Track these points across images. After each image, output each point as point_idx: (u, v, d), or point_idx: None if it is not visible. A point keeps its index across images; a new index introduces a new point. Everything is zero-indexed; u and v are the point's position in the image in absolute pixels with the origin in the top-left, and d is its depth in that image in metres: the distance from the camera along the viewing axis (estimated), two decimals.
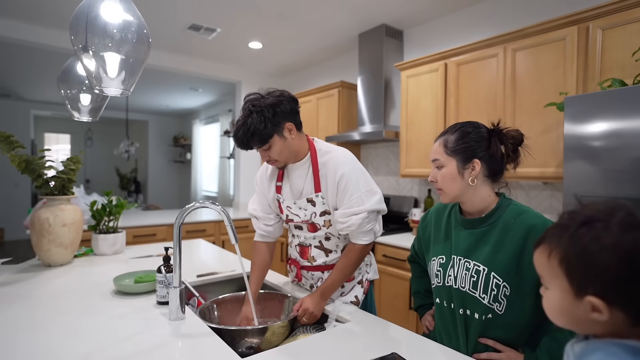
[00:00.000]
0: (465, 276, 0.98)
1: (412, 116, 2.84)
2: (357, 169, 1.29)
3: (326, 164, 1.30)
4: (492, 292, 0.93)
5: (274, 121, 1.21)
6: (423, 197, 3.15)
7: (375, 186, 1.32)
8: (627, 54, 1.77)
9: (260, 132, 1.20)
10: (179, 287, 1.15)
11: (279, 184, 1.41)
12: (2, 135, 1.68)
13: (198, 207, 1.11)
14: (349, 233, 1.30)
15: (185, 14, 3.09)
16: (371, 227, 1.30)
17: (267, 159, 1.30)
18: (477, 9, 2.80)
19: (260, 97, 1.24)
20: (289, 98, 1.27)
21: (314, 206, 1.32)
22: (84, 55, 1.01)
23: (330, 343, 1.02)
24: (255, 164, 4.82)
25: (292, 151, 1.29)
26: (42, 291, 1.41)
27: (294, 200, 1.36)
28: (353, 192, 1.26)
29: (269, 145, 1.24)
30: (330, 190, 1.28)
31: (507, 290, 0.93)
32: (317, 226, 1.35)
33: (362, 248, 1.30)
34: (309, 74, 4.55)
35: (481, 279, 0.95)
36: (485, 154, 0.98)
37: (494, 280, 0.93)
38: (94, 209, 2.02)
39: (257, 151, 1.28)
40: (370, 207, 1.26)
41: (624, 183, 1.46)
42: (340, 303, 1.31)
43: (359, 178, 1.28)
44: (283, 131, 1.25)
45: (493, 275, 0.93)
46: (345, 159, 1.30)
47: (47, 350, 0.94)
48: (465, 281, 0.98)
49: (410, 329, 2.30)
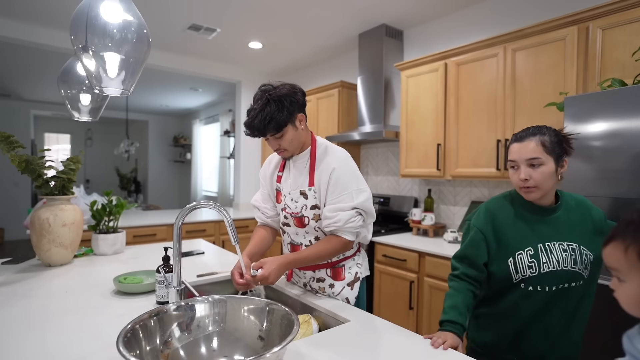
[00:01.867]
0: (566, 257, 1.09)
1: (412, 116, 2.84)
2: (349, 167, 1.33)
3: (322, 159, 1.35)
4: (584, 262, 1.09)
5: (290, 110, 1.28)
6: (423, 197, 3.15)
7: (366, 186, 1.34)
8: (627, 54, 1.77)
9: (277, 120, 1.25)
10: (178, 287, 1.15)
11: (280, 173, 1.46)
12: (2, 135, 1.68)
13: (198, 207, 1.11)
14: (334, 229, 1.30)
15: (185, 14, 3.09)
16: (358, 227, 1.31)
17: (277, 147, 1.34)
18: (477, 9, 2.80)
19: (274, 87, 1.30)
20: (301, 91, 1.34)
21: (305, 199, 1.35)
22: (84, 55, 1.01)
23: (331, 343, 1.02)
24: (256, 164, 4.83)
25: (300, 142, 1.36)
26: (42, 291, 1.41)
27: (289, 190, 1.40)
28: (343, 188, 1.29)
29: (282, 133, 1.29)
30: (323, 185, 1.32)
31: (591, 257, 1.10)
32: (304, 220, 1.37)
33: (345, 242, 1.31)
34: (309, 74, 4.55)
35: (577, 254, 1.09)
36: (564, 153, 1.12)
37: (583, 252, 1.10)
38: (94, 209, 2.02)
39: (267, 140, 1.33)
40: (358, 204, 1.28)
41: (624, 183, 1.46)
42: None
43: (350, 176, 1.31)
44: (296, 121, 1.32)
45: (582, 248, 1.10)
46: (339, 156, 1.34)
47: (47, 350, 0.94)
48: (567, 261, 1.09)
49: (410, 328, 2.30)
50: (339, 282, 1.40)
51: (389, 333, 1.09)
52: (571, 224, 1.12)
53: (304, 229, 1.39)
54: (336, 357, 0.94)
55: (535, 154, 1.06)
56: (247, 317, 1.00)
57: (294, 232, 1.43)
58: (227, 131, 6.14)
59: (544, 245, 1.10)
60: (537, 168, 1.07)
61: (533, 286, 1.10)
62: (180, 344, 0.92)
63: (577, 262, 1.09)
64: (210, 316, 0.99)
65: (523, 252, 1.10)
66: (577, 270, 1.09)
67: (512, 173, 1.12)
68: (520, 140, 1.10)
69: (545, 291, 1.09)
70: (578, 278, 1.10)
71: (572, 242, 1.10)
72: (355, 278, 1.42)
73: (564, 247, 1.10)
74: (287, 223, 1.44)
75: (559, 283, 1.09)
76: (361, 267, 1.45)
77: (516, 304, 1.13)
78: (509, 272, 1.11)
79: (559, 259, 1.09)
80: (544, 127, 1.10)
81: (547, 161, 1.06)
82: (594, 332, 1.52)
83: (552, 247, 1.10)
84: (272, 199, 1.52)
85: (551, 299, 1.10)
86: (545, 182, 1.07)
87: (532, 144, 1.07)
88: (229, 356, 0.94)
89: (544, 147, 1.06)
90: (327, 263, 1.40)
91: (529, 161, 1.07)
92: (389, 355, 0.95)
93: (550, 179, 1.07)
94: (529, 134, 1.09)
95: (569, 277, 1.09)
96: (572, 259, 1.09)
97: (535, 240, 1.11)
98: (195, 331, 0.96)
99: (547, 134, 1.08)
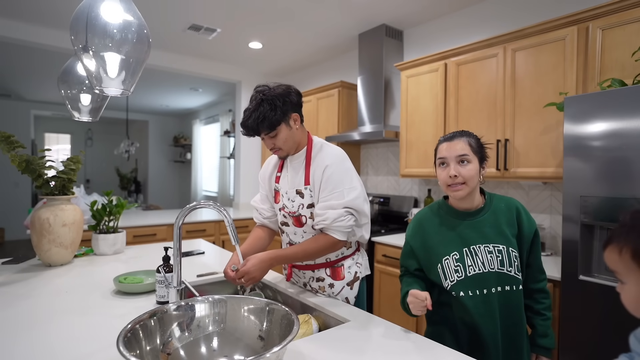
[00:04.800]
0: (492, 258, 1.11)
1: (412, 116, 2.84)
2: (343, 166, 1.33)
3: (317, 158, 1.36)
4: (515, 263, 1.11)
5: (283, 109, 1.30)
6: (423, 197, 3.15)
7: (358, 184, 1.34)
8: (626, 54, 1.77)
9: (270, 119, 1.28)
10: (178, 287, 1.15)
11: (278, 174, 1.48)
12: (2, 135, 1.68)
13: (198, 207, 1.11)
14: (323, 227, 1.30)
15: (185, 14, 3.10)
16: (349, 227, 1.30)
17: (272, 146, 1.36)
18: (477, 9, 2.80)
19: (269, 88, 1.32)
20: (295, 91, 1.37)
21: (302, 198, 1.36)
22: (84, 55, 1.01)
23: (331, 343, 1.02)
24: (256, 164, 4.83)
25: (295, 141, 1.38)
26: (42, 291, 1.41)
27: (286, 189, 1.42)
28: (335, 186, 1.29)
29: (276, 132, 1.31)
30: (316, 183, 1.33)
31: (520, 259, 1.13)
32: (302, 219, 1.37)
33: (334, 242, 1.30)
34: (309, 74, 4.55)
35: (505, 256, 1.11)
36: (485, 158, 1.18)
37: (512, 253, 1.11)
38: (94, 209, 2.02)
39: (262, 139, 1.36)
40: (348, 202, 1.28)
41: (624, 183, 1.46)
42: None
43: (342, 174, 1.31)
44: (289, 120, 1.33)
45: (511, 250, 1.12)
46: (333, 154, 1.35)
47: (47, 350, 0.94)
48: (493, 263, 1.11)
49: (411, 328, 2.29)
50: (338, 281, 1.40)
51: (389, 333, 1.09)
52: (498, 226, 1.14)
53: (302, 228, 1.39)
54: (336, 357, 0.94)
55: (464, 151, 1.12)
56: (247, 317, 1.00)
57: (292, 231, 1.43)
58: (227, 131, 6.14)
59: (469, 248, 1.13)
60: (465, 165, 1.12)
61: (464, 291, 1.11)
62: (180, 343, 0.92)
63: (504, 264, 1.10)
64: (210, 316, 0.99)
65: (449, 257, 1.14)
66: (506, 272, 1.10)
67: (441, 171, 1.16)
68: (450, 140, 1.15)
69: (477, 294, 1.10)
70: (513, 281, 1.11)
71: (498, 244, 1.12)
72: (355, 277, 1.42)
73: (490, 249, 1.12)
74: (285, 223, 1.44)
75: (491, 286, 1.10)
76: (361, 267, 1.45)
77: (457, 312, 1.14)
78: (440, 279, 1.15)
79: (484, 260, 1.11)
80: (468, 131, 1.19)
81: (474, 160, 1.13)
82: (594, 331, 1.52)
83: (478, 250, 1.12)
84: (269, 200, 1.54)
85: (489, 305, 1.10)
86: (473, 179, 1.12)
87: (461, 143, 1.13)
88: (229, 356, 0.94)
89: (471, 147, 1.13)
90: (326, 262, 1.40)
91: (458, 158, 1.12)
92: (388, 355, 0.95)
93: (475, 177, 1.12)
94: (458, 135, 1.16)
95: (501, 279, 1.11)
96: (498, 260, 1.11)
97: (461, 244, 1.14)
98: (195, 331, 0.96)
99: (473, 137, 1.16)
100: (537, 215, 2.40)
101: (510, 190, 2.56)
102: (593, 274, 1.55)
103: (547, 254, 2.17)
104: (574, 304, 1.57)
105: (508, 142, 2.23)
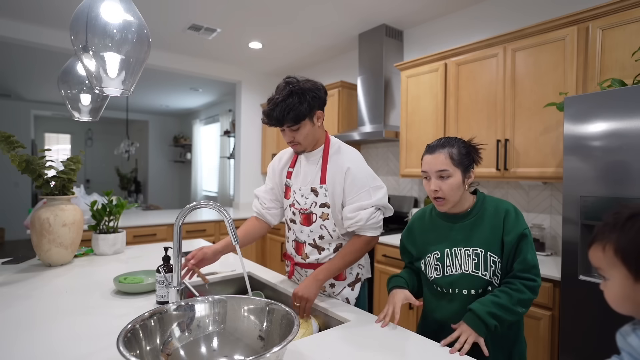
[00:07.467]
0: (468, 262, 1.14)
1: (412, 116, 2.84)
2: (363, 166, 1.36)
3: (335, 159, 1.36)
4: (491, 268, 1.12)
5: (311, 104, 1.30)
6: (423, 197, 3.15)
7: (382, 183, 1.37)
8: (626, 54, 1.77)
9: (297, 112, 1.26)
10: (178, 287, 1.15)
11: (290, 169, 1.47)
12: (2, 135, 1.68)
13: (198, 207, 1.11)
14: (357, 229, 1.32)
15: (185, 14, 3.10)
16: (379, 222, 1.34)
17: (291, 139, 1.34)
18: (477, 9, 2.80)
19: (297, 81, 1.32)
20: (324, 89, 1.37)
21: (316, 196, 1.36)
22: (84, 55, 1.01)
23: (331, 343, 1.02)
24: (256, 164, 4.83)
25: (315, 138, 1.37)
26: (42, 291, 1.41)
27: (299, 186, 1.41)
28: (360, 187, 1.31)
29: (299, 126, 1.30)
30: (338, 185, 1.33)
31: (500, 264, 1.13)
32: (312, 217, 1.37)
33: (369, 240, 1.34)
34: (309, 74, 4.55)
35: (481, 260, 1.13)
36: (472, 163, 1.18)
37: (490, 258, 1.12)
38: (94, 209, 2.02)
39: (282, 132, 1.34)
40: (377, 201, 1.31)
41: (624, 183, 1.46)
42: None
43: (365, 174, 1.33)
44: (314, 117, 1.33)
45: (489, 254, 1.12)
46: (353, 156, 1.37)
47: (47, 350, 0.94)
48: (468, 265, 1.14)
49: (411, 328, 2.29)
50: (339, 282, 1.40)
51: (389, 333, 1.09)
52: (482, 230, 1.15)
53: (309, 227, 1.39)
54: (336, 357, 0.94)
55: (444, 166, 1.12)
56: (247, 317, 1.00)
57: (299, 229, 1.43)
58: (227, 131, 6.14)
59: (451, 250, 1.17)
60: (445, 180, 1.13)
61: (442, 287, 1.18)
62: (180, 343, 0.92)
63: (479, 267, 1.13)
64: (210, 316, 0.99)
65: (431, 255, 1.20)
66: (480, 276, 1.12)
67: (426, 183, 1.18)
68: (432, 152, 1.16)
69: (456, 293, 1.16)
70: (477, 283, 1.13)
71: (477, 248, 1.14)
72: (357, 279, 1.42)
73: (469, 252, 1.14)
74: (293, 220, 1.44)
75: (468, 288, 1.14)
76: (363, 269, 1.45)
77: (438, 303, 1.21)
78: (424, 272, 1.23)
79: (461, 263, 1.15)
80: (454, 138, 1.17)
81: (455, 173, 1.12)
82: (594, 331, 1.52)
83: (458, 252, 1.16)
84: (276, 193, 1.53)
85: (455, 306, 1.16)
86: (453, 194, 1.13)
87: (441, 157, 1.13)
88: (229, 356, 0.94)
89: (452, 160, 1.12)
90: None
91: (438, 173, 1.13)
92: (388, 355, 0.95)
93: (458, 190, 1.13)
94: (439, 146, 1.15)
95: (475, 282, 1.13)
96: (474, 263, 1.13)
97: (445, 245, 1.18)
98: (195, 331, 0.96)
99: (456, 146, 1.14)
100: (537, 215, 2.40)
101: (510, 190, 2.56)
102: (593, 274, 1.55)
103: (547, 254, 2.17)
104: (574, 304, 1.57)
105: (508, 142, 2.23)
